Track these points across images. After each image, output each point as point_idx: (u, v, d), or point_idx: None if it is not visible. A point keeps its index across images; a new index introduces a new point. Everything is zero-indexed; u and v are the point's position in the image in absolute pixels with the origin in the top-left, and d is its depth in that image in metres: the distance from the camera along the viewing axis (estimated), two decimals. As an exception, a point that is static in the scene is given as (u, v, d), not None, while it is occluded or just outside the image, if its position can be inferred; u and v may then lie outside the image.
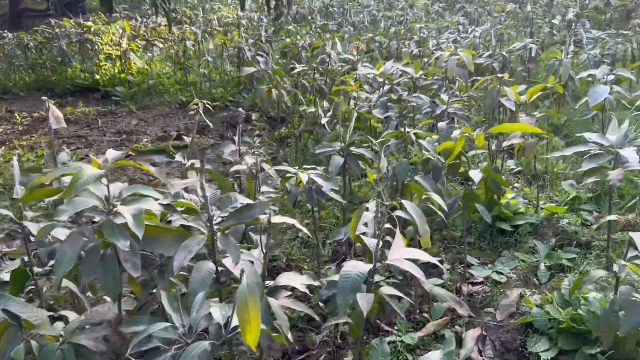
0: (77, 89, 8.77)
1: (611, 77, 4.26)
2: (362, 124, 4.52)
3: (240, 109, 7.52)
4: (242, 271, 1.52)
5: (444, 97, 4.01)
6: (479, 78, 4.51)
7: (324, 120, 3.86)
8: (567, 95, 5.11)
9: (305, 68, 5.43)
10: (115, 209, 1.70)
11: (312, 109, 4.14)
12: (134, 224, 1.61)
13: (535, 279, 3.27)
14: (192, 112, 3.01)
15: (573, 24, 7.01)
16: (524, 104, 3.88)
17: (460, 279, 3.19)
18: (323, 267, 3.35)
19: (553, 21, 7.22)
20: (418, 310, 2.93)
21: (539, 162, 4.51)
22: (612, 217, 2.21)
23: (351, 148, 3.29)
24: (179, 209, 1.86)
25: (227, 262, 1.78)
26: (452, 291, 3.07)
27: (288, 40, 8.42)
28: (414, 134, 3.11)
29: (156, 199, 1.81)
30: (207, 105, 3.00)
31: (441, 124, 3.37)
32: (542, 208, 4.02)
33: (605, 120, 4.77)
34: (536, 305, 2.84)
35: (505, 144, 3.71)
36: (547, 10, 11.76)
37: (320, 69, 5.53)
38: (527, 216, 3.84)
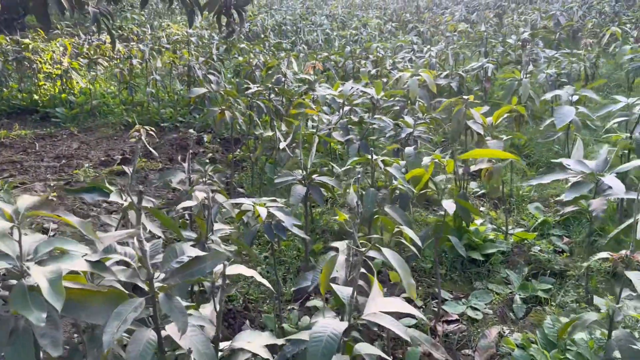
0: (13, 110, 8.16)
1: (575, 97, 4.17)
2: (322, 146, 4.26)
3: (191, 130, 7.17)
4: (190, 350, 1.20)
5: (408, 119, 3.81)
6: (442, 100, 4.35)
7: (282, 145, 3.57)
8: (527, 115, 5.03)
9: (260, 88, 5.15)
10: (28, 271, 1.36)
11: (269, 133, 3.85)
12: (51, 292, 1.27)
13: (511, 313, 3.07)
14: (134, 140, 2.67)
15: (527, 43, 7.03)
16: (490, 126, 3.73)
17: (434, 317, 2.94)
18: (285, 308, 3.04)
19: (508, 40, 7.23)
20: (392, 358, 2.66)
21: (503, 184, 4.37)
22: (604, 254, 2.01)
23: (313, 176, 3.02)
24: (113, 264, 1.52)
25: (172, 329, 1.46)
26: (426, 331, 2.82)
27: (241, 58, 8.12)
28: (382, 161, 2.87)
29: (84, 254, 1.47)
30: (151, 132, 2.66)
31: (408, 150, 3.14)
32: (511, 234, 3.85)
33: (570, 141, 4.70)
34: (517, 346, 2.62)
35: (473, 168, 3.53)
36: (497, 29, 11.95)
37: (276, 89, 5.26)
38: (497, 244, 3.65)
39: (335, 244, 2.18)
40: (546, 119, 6.37)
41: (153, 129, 2.69)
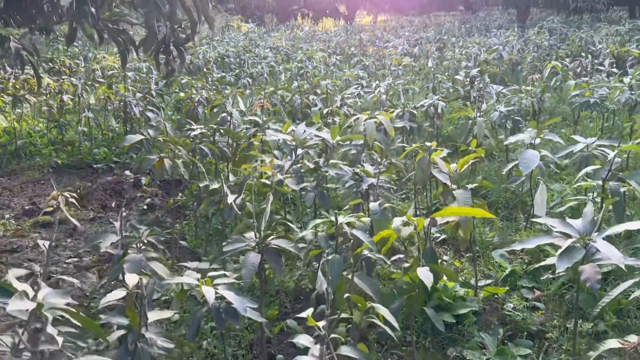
0: None
1: (537, 140, 4.02)
2: (276, 199, 3.89)
3: (127, 172, 6.64)
4: None
5: (368, 167, 3.51)
6: (404, 146, 4.09)
7: (230, 200, 3.17)
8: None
9: (204, 130, 4.74)
10: None
11: (215, 185, 3.44)
12: None
13: (492, 386, 2.77)
14: (51, 209, 2.22)
15: (476, 79, 6.99)
16: (455, 173, 3.48)
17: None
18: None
19: (456, 77, 7.17)
20: None
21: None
22: (613, 342, 1.73)
23: (269, 239, 2.64)
24: None
25: None
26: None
27: (182, 94, 7.68)
28: (347, 223, 2.53)
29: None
30: (72, 200, 2.21)
31: (374, 207, 2.83)
32: (481, 288, 3.59)
33: (531, 182, 4.55)
34: None
35: (440, 221, 3.25)
36: (439, 62, 12.07)
37: (222, 130, 4.87)
38: (468, 302, 3.37)
39: (301, 340, 1.80)
40: (499, 156, 6.31)
41: (74, 195, 2.23)
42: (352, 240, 2.56)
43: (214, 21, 3.72)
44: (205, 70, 11.43)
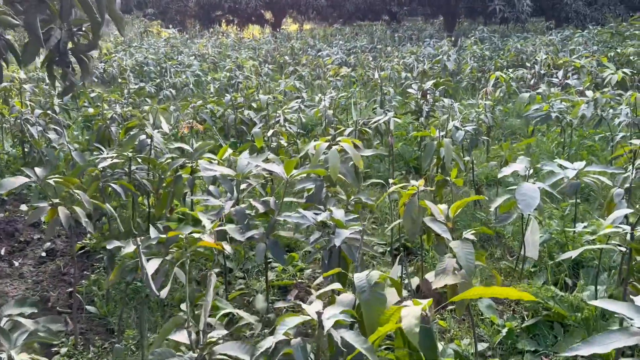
0: None
1: (531, 170, 3.37)
2: (212, 254, 2.97)
3: (23, 207, 5.43)
4: None
5: (337, 213, 2.68)
6: (375, 181, 3.29)
7: (149, 273, 2.23)
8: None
9: (117, 160, 3.74)
10: None
11: (129, 249, 2.47)
12: None
13: None
14: None
15: (428, 93, 6.38)
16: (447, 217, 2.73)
17: None
18: None
19: (409, 90, 6.53)
20: None
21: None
22: None
23: (215, 348, 1.74)
24: None
25: None
26: None
27: (92, 110, 6.53)
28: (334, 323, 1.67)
29: None
30: None
31: (360, 282, 1.99)
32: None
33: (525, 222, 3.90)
34: None
35: (435, 285, 2.48)
36: (377, 72, 11.51)
37: (140, 159, 3.88)
38: (471, 385, 2.62)
39: None
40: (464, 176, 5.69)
41: None
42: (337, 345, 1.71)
43: (122, 21, 2.77)
44: (120, 80, 10.21)
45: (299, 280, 3.67)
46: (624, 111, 5.41)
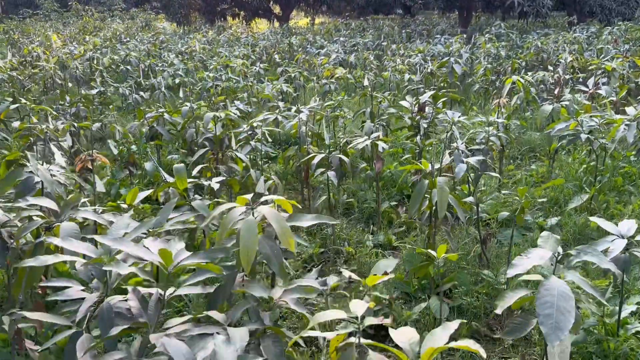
0: None
1: (560, 252, 2.18)
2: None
3: None
4: None
5: (227, 353, 1.53)
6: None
7: None
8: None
9: None
10: None
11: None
12: None
13: None
14: None
15: (427, 105, 5.19)
16: None
17: None
18: None
19: (402, 102, 5.34)
20: None
21: None
22: None
23: None
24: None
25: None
26: None
27: (16, 123, 5.41)
28: None
29: None
30: None
31: None
32: None
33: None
34: None
35: None
36: (377, 73, 10.30)
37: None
38: None
39: None
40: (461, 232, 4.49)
41: None
42: None
43: None
44: (91, 84, 9.15)
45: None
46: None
